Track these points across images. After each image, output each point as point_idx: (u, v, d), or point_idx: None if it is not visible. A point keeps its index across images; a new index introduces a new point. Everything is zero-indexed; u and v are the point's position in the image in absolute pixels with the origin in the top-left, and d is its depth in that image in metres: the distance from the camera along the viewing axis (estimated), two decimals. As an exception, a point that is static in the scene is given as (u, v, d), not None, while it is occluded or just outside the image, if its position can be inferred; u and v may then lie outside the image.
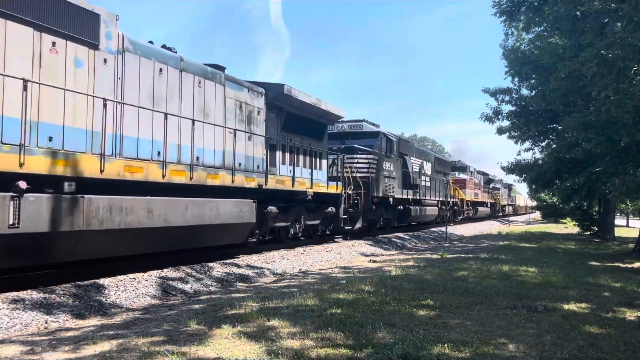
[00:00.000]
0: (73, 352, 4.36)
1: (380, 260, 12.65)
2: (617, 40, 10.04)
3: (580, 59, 11.27)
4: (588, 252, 16.96)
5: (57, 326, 5.89)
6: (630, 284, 8.83)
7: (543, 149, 23.06)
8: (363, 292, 6.87)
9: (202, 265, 9.78)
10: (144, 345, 4.43)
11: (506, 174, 24.70)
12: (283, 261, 11.71)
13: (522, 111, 20.97)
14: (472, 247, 17.27)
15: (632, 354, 4.51)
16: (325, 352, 4.22)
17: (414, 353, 4.16)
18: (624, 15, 10.22)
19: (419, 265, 10.66)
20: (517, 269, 9.78)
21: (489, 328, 5.18)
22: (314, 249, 13.85)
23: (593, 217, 27.87)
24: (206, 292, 8.45)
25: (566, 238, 23.92)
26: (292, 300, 6.26)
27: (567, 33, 12.96)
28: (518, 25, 17.81)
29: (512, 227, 37.20)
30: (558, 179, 19.93)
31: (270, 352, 4.19)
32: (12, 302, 6.23)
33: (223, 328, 4.93)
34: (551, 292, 7.44)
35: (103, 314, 6.61)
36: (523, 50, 19.46)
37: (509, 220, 50.24)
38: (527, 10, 14.38)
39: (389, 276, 8.58)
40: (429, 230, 25.43)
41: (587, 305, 6.55)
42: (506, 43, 20.37)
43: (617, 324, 5.60)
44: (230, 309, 5.86)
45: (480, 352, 4.32)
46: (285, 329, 4.94)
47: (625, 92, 10.62)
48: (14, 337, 5.21)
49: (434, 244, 20.36)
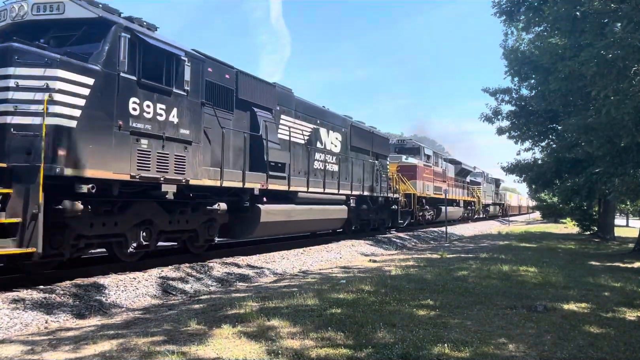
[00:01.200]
0: (73, 352, 4.36)
1: (380, 260, 12.65)
2: (617, 41, 10.05)
3: (580, 59, 11.27)
4: (588, 252, 16.96)
5: (57, 326, 5.89)
6: (630, 284, 8.83)
7: (543, 149, 23.06)
8: (363, 292, 6.87)
9: (202, 265, 9.78)
10: (144, 345, 4.43)
11: (506, 174, 24.65)
12: (283, 261, 11.71)
13: (522, 111, 20.96)
14: (472, 246, 17.27)
15: (632, 354, 4.51)
16: (325, 352, 4.22)
17: (414, 353, 4.17)
18: (623, 15, 10.22)
19: (419, 265, 10.66)
20: (517, 268, 9.78)
21: (489, 328, 5.19)
22: (314, 249, 13.85)
23: (593, 217, 27.85)
24: (206, 291, 8.45)
25: (566, 238, 23.91)
26: (292, 300, 6.27)
27: (567, 33, 12.96)
28: (518, 25, 17.81)
29: (512, 227, 37.20)
30: (558, 179, 19.94)
31: (270, 352, 4.20)
32: (12, 302, 6.23)
33: (223, 328, 4.94)
34: (551, 292, 7.44)
35: (103, 314, 6.61)
36: (523, 50, 19.46)
37: (509, 220, 50.22)
38: (527, 10, 14.38)
39: (389, 276, 8.58)
40: (429, 230, 25.41)
41: (587, 305, 6.55)
42: (506, 43, 20.38)
43: (617, 324, 5.61)
44: (230, 309, 5.86)
45: (480, 352, 4.33)
46: (285, 328, 4.95)
47: (625, 92, 10.62)
48: (14, 337, 5.21)
49: (433, 243, 20.35)
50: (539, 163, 21.35)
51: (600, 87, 11.04)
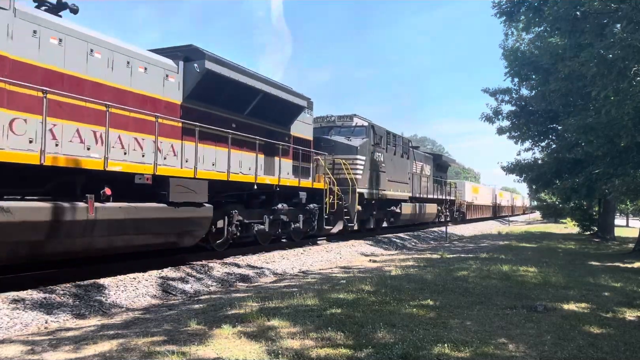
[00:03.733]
0: (73, 352, 4.36)
1: (380, 260, 12.65)
2: (617, 41, 10.06)
3: (580, 59, 11.28)
4: (588, 252, 16.96)
5: (57, 326, 5.89)
6: (630, 284, 8.83)
7: (543, 149, 23.07)
8: (363, 292, 6.87)
9: (203, 265, 9.79)
10: (144, 345, 4.43)
11: (506, 173, 24.61)
12: (283, 261, 11.72)
13: (522, 111, 20.98)
14: (472, 247, 17.28)
15: (632, 354, 4.51)
16: (325, 352, 4.22)
17: (414, 353, 4.16)
18: (623, 15, 10.24)
19: (419, 265, 10.66)
20: (517, 269, 9.78)
21: (489, 328, 5.19)
22: (314, 249, 13.86)
23: (593, 217, 27.86)
24: (206, 292, 8.45)
25: (566, 238, 23.92)
26: (292, 300, 6.27)
27: (566, 33, 12.99)
28: (518, 26, 17.83)
29: (512, 227, 37.22)
30: (558, 179, 19.94)
31: (270, 352, 4.19)
32: (12, 302, 6.24)
33: (223, 328, 4.94)
34: (551, 292, 7.44)
35: (103, 314, 6.62)
36: (523, 51, 19.48)
37: (509, 220, 50.19)
38: (527, 10, 14.40)
39: (389, 276, 8.58)
40: (429, 230, 25.43)
41: (587, 305, 6.55)
42: (506, 43, 20.40)
43: (617, 324, 5.61)
44: (230, 309, 5.86)
45: (480, 352, 4.33)
46: (286, 329, 4.95)
47: (625, 92, 10.63)
48: (14, 337, 5.21)
49: (434, 243, 20.36)
50: (539, 163, 21.36)
51: (601, 88, 11.06)
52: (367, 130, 18.44)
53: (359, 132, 18.38)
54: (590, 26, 11.55)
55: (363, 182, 17.49)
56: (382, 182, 19.19)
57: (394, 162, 20.82)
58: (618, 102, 10.65)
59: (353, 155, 17.21)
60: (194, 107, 10.17)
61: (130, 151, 8.69)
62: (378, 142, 19.12)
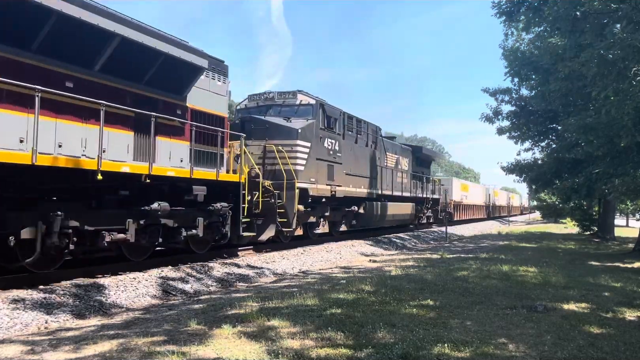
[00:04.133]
0: (74, 352, 4.36)
1: (380, 260, 12.66)
2: (617, 41, 10.06)
3: (580, 59, 11.29)
4: (588, 252, 16.96)
5: (57, 326, 5.90)
6: (630, 284, 8.83)
7: (543, 149, 23.08)
8: (363, 292, 6.87)
9: (202, 265, 9.78)
10: (144, 345, 4.43)
11: (506, 174, 24.60)
12: (283, 261, 11.72)
13: (522, 111, 20.99)
14: (472, 247, 17.28)
15: (632, 354, 4.51)
16: (325, 352, 4.22)
17: (414, 353, 4.16)
18: (623, 15, 10.24)
19: (419, 265, 10.66)
20: (517, 269, 9.78)
21: (489, 328, 5.19)
22: (314, 249, 13.85)
23: (593, 217, 27.85)
24: (206, 292, 8.45)
25: (566, 238, 23.92)
26: (292, 300, 6.27)
27: (566, 33, 13.00)
28: (518, 26, 17.83)
29: (512, 227, 37.23)
30: (558, 179, 19.96)
31: (270, 352, 4.20)
32: (12, 302, 6.23)
33: (223, 328, 4.94)
34: (551, 292, 7.44)
35: (103, 314, 6.62)
36: (523, 51, 19.48)
37: (509, 220, 50.20)
38: (527, 10, 14.41)
39: (389, 276, 8.58)
40: (429, 230, 25.43)
41: (587, 305, 6.55)
42: (506, 43, 20.40)
43: (617, 324, 5.61)
44: (230, 309, 5.86)
45: (480, 352, 4.32)
46: (286, 329, 4.95)
47: (625, 92, 10.64)
48: (14, 337, 5.21)
49: (434, 244, 20.37)
50: (539, 163, 21.38)
51: (601, 88, 11.06)
52: (315, 109, 14.51)
53: (304, 112, 14.47)
54: (590, 26, 11.56)
55: (307, 175, 13.73)
56: (336, 175, 15.39)
57: (355, 152, 16.92)
58: (618, 102, 10.65)
59: (292, 140, 13.46)
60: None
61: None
62: (330, 126, 15.26)
